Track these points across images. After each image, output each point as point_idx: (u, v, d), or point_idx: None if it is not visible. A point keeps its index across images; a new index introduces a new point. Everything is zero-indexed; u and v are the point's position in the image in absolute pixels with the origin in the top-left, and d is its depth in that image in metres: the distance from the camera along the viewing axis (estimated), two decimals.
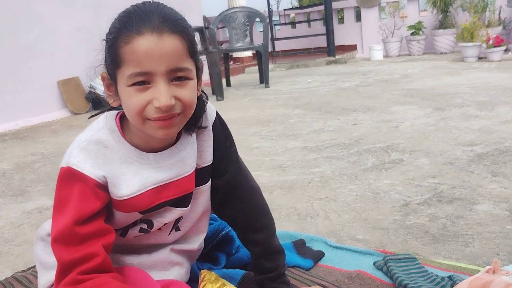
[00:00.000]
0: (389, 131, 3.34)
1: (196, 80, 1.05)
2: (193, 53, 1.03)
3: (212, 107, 1.25)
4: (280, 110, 4.61)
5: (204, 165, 1.23)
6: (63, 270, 1.01)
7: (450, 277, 1.37)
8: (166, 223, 1.20)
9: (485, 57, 7.11)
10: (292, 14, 12.56)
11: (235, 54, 9.76)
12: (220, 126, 1.27)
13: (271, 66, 7.62)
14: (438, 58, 8.21)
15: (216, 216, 1.61)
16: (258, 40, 6.86)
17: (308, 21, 11.10)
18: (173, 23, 0.98)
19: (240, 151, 1.32)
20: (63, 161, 1.06)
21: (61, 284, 1.00)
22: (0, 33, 4.91)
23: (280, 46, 10.02)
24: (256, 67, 7.35)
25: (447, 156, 2.61)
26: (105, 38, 1.02)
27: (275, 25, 10.14)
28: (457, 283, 1.28)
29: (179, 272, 1.30)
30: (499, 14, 8.18)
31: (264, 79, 6.56)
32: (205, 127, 1.20)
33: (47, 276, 1.20)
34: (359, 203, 2.07)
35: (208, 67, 5.67)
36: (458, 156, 2.59)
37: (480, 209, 1.88)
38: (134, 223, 1.17)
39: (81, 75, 5.56)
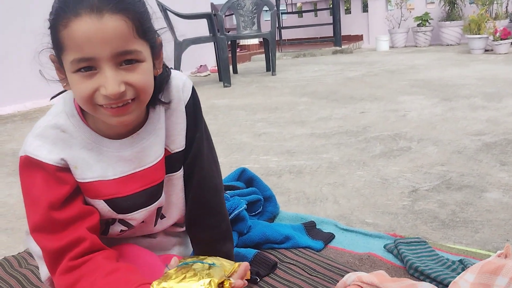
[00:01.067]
0: (397, 120, 3.34)
1: (151, 60, 0.95)
2: (142, 33, 0.91)
3: (187, 83, 1.12)
4: (287, 98, 4.61)
5: (176, 150, 1.14)
6: (53, 259, 0.98)
7: (461, 261, 1.38)
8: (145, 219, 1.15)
9: (492, 50, 7.08)
10: (299, 3, 12.49)
11: (242, 42, 9.74)
12: (193, 107, 1.14)
13: (277, 54, 7.59)
14: (444, 49, 8.17)
15: (228, 195, 1.62)
16: (264, 28, 6.84)
17: (315, 10, 11.05)
18: (115, 1, 0.86)
19: (248, 136, 1.29)
20: (21, 150, 1.00)
21: (56, 273, 0.98)
22: (6, 18, 4.90)
23: (286, 34, 9.98)
24: (263, 55, 7.34)
25: (455, 145, 2.61)
26: (48, 18, 0.92)
27: (282, 13, 10.09)
28: (468, 267, 1.30)
29: (179, 250, 1.30)
30: (507, 6, 8.13)
31: (270, 66, 6.55)
32: (168, 103, 1.08)
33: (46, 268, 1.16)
34: (367, 188, 2.08)
35: (216, 53, 5.65)
36: (466, 145, 2.59)
37: (490, 196, 1.88)
38: (113, 221, 1.12)
39: None
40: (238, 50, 8.72)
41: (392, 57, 7.68)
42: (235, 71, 6.97)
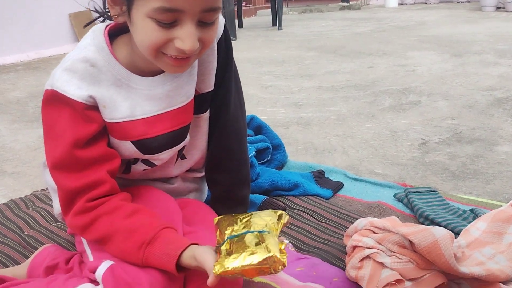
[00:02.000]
0: (406, 74, 3.28)
1: None
2: None
3: (220, 19, 1.02)
4: (294, 52, 4.52)
5: (205, 91, 1.09)
6: (69, 198, 0.94)
7: (472, 211, 1.37)
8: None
9: (504, 7, 6.91)
10: None
11: None
12: (224, 44, 1.09)
13: (283, 9, 7.43)
14: (454, 7, 7.98)
15: None
16: None
17: None
18: None
19: (254, 88, 1.25)
20: (47, 82, 0.94)
21: (70, 213, 0.94)
22: None
23: None
24: (268, 10, 7.18)
25: (466, 100, 2.57)
26: None
27: None
28: (480, 216, 1.28)
29: (195, 195, 1.28)
30: None
31: (277, 21, 6.41)
32: None
33: None
34: (376, 140, 2.05)
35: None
36: (477, 100, 2.55)
37: (501, 150, 1.86)
38: (135, 160, 1.08)
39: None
40: (243, 4, 8.53)
41: (401, 13, 7.51)
42: (240, 25, 6.83)
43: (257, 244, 0.81)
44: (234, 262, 0.78)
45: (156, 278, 0.87)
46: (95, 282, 0.91)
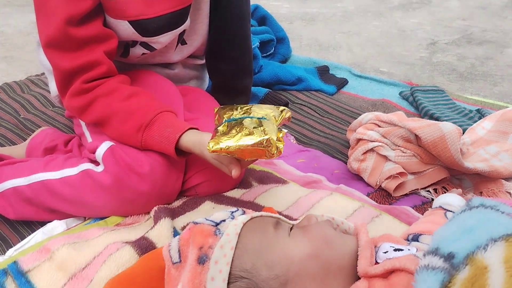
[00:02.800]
0: None
1: None
2: None
3: None
4: None
5: None
6: (65, 79, 0.90)
7: (478, 111, 1.34)
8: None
9: None
10: None
11: None
12: None
13: None
14: None
15: None
16: None
17: None
18: None
19: None
20: None
21: (67, 94, 0.90)
22: None
23: None
24: None
25: (479, 1, 2.45)
26: None
27: None
28: (486, 116, 1.26)
29: (196, 83, 1.23)
30: None
31: None
32: None
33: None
34: (383, 38, 1.98)
35: None
36: (491, 1, 2.43)
37: None
38: (134, 43, 1.02)
39: None
40: None
41: None
42: None
43: (254, 127, 0.78)
44: (229, 141, 0.76)
45: (157, 161, 0.85)
46: (95, 162, 0.89)
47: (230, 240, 0.55)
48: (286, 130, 0.96)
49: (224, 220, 0.61)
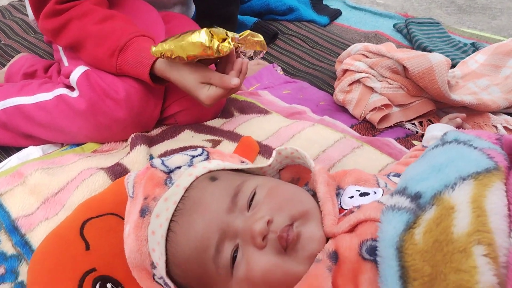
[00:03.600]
0: None
1: None
2: None
3: None
4: None
5: None
6: (39, 0, 0.86)
7: (473, 44, 1.30)
8: None
9: None
10: None
11: None
12: None
13: None
14: None
15: None
16: None
17: None
18: None
19: None
20: None
21: (41, 16, 0.86)
22: None
23: None
24: None
25: None
26: None
27: None
28: (480, 49, 1.22)
29: (181, 9, 1.18)
30: None
31: None
32: None
33: None
34: None
35: None
36: None
37: None
38: None
39: None
40: None
41: None
42: None
43: (200, 30, 0.75)
44: (171, 42, 0.73)
45: (133, 87, 0.83)
46: (71, 88, 0.87)
47: (176, 193, 0.51)
48: (237, 36, 0.83)
49: (179, 167, 0.56)
